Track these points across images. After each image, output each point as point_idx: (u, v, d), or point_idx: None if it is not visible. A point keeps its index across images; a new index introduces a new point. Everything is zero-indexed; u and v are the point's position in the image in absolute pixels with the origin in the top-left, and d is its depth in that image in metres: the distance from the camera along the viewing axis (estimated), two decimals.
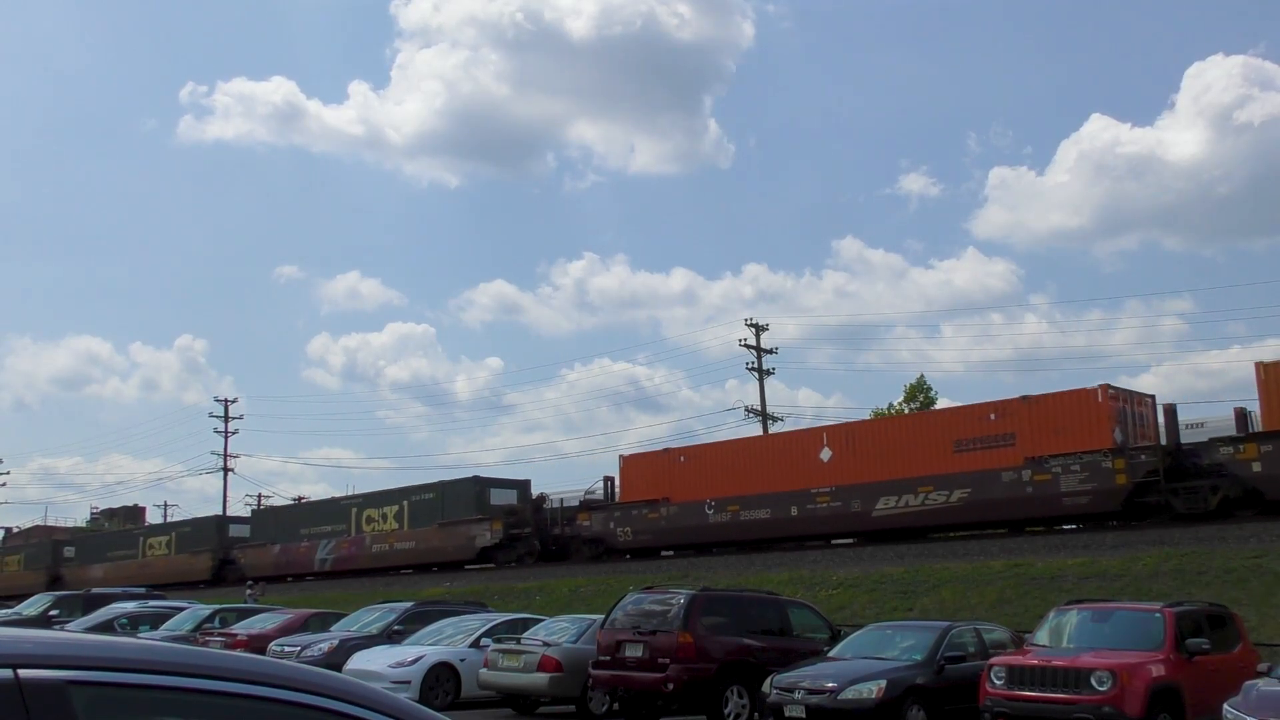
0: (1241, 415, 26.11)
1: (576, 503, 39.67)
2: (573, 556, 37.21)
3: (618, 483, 38.15)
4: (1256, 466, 24.39)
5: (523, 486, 42.54)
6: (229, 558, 51.83)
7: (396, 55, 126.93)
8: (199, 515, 63.95)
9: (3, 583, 60.36)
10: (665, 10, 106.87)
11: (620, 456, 38.38)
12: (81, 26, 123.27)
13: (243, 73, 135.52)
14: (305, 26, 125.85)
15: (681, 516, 34.36)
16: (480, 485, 41.66)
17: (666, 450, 36.91)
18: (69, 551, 61.96)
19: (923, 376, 59.65)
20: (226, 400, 71.04)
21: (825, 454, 31.74)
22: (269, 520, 52.36)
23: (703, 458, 35.17)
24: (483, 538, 39.74)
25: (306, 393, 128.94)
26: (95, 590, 36.70)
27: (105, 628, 25.62)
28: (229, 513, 63.38)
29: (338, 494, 58.35)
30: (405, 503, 43.71)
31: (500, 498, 41.25)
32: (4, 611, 34.78)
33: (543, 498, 41.00)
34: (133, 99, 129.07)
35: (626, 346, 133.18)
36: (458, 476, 44.34)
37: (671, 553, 35.19)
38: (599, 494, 39.52)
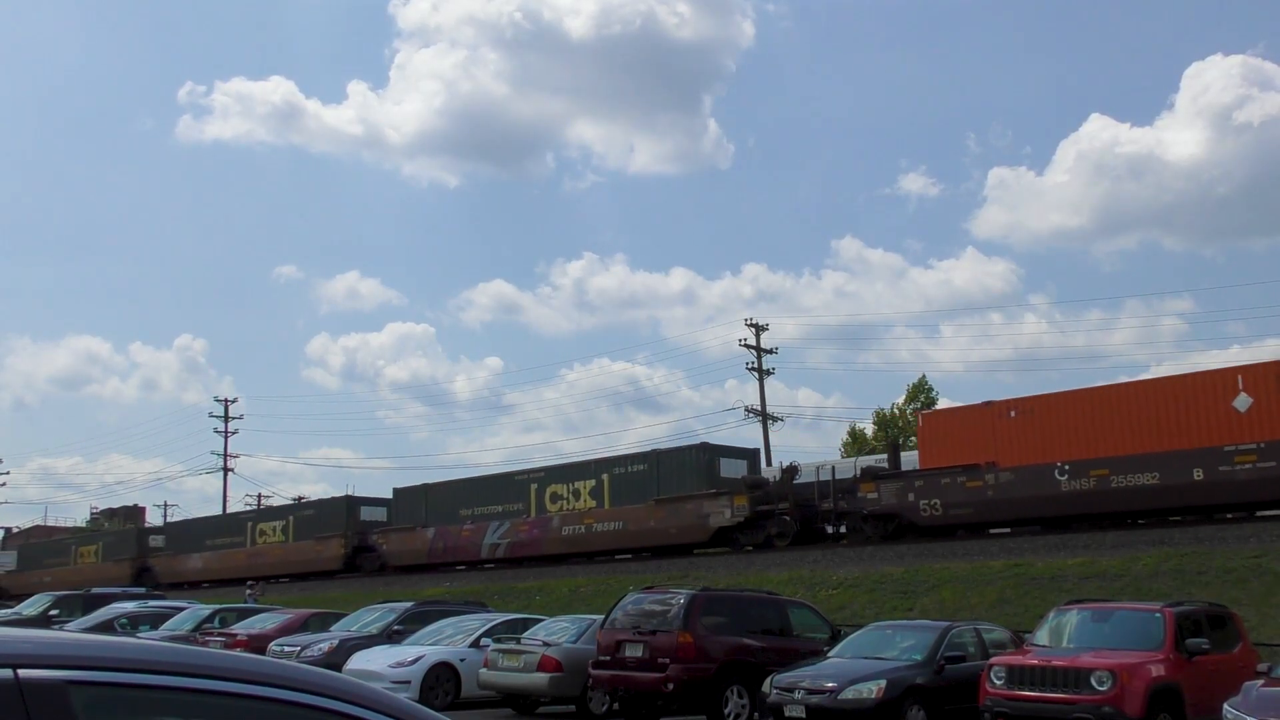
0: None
1: (831, 474, 32.71)
2: (848, 538, 30.93)
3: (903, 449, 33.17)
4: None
5: (752, 456, 36.55)
6: (366, 543, 44.54)
7: (395, 55, 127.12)
8: (317, 499, 55.37)
9: (78, 576, 54.18)
10: (665, 9, 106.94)
11: (920, 415, 34.39)
12: (79, 26, 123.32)
13: (241, 72, 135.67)
14: (303, 26, 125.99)
15: (1017, 485, 27.35)
16: (710, 454, 34.78)
17: (988, 403, 29.80)
18: (156, 540, 55.76)
19: (924, 377, 59.80)
20: (226, 400, 71.12)
21: (1242, 401, 25.15)
22: (415, 501, 43.12)
23: (1043, 411, 28.23)
24: (720, 516, 32.72)
25: (306, 392, 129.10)
26: (95, 590, 36.70)
27: (105, 628, 25.62)
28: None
29: (337, 493, 57.77)
30: (606, 476, 36.45)
31: (731, 469, 34.69)
32: (4, 611, 34.79)
33: (795, 468, 34.73)
34: (131, 99, 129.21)
35: (626, 346, 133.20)
36: (683, 444, 37.96)
37: (1007, 530, 28.66)
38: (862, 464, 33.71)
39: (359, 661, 18.47)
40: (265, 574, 46.05)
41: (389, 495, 45.60)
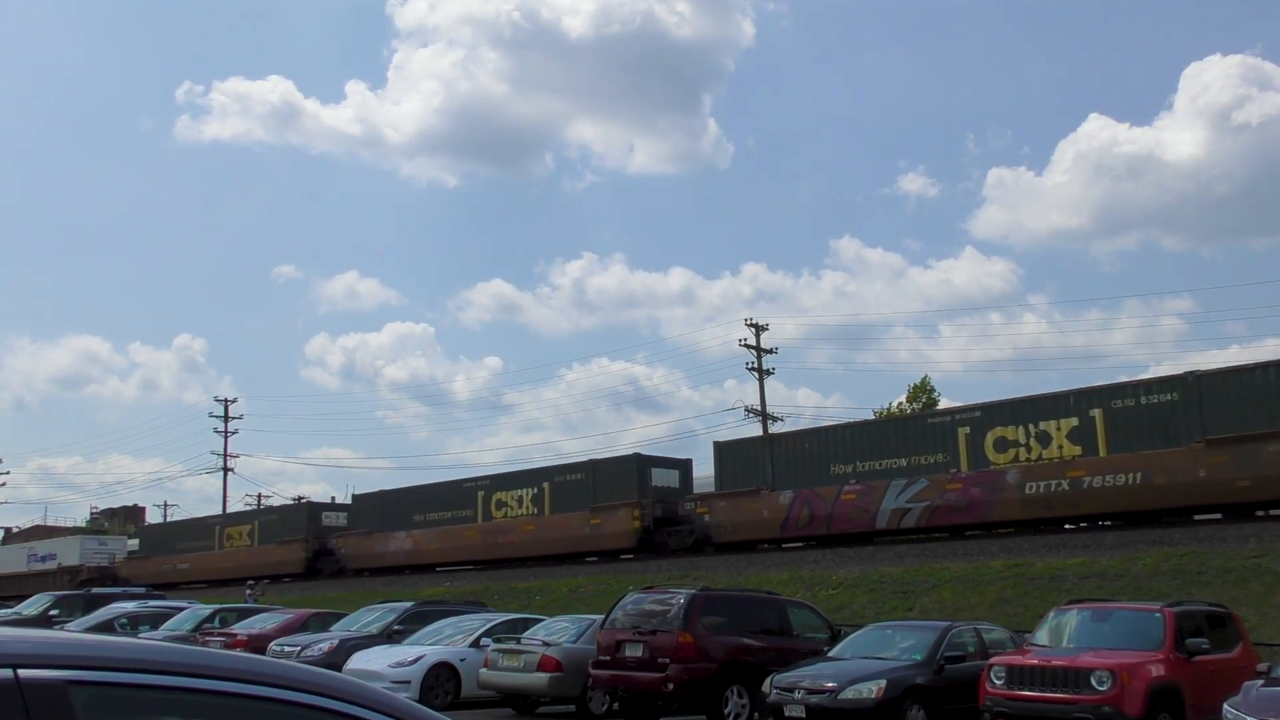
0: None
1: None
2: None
3: None
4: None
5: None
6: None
7: (394, 55, 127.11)
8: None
9: (229, 562, 49.60)
10: (664, 9, 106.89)
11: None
12: (78, 27, 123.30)
13: (239, 72, 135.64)
14: (301, 26, 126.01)
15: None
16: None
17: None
18: (332, 518, 47.90)
19: (926, 377, 59.82)
20: (226, 400, 71.06)
21: None
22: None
23: None
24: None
25: (305, 392, 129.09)
26: (95, 590, 36.69)
27: (105, 628, 25.62)
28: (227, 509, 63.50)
29: (337, 493, 58.71)
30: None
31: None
32: (4, 611, 34.78)
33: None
34: (130, 99, 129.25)
35: (625, 346, 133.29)
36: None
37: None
38: None
39: (359, 661, 18.47)
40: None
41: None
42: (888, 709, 13.47)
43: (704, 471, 38.39)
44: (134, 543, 58.30)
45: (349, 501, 48.35)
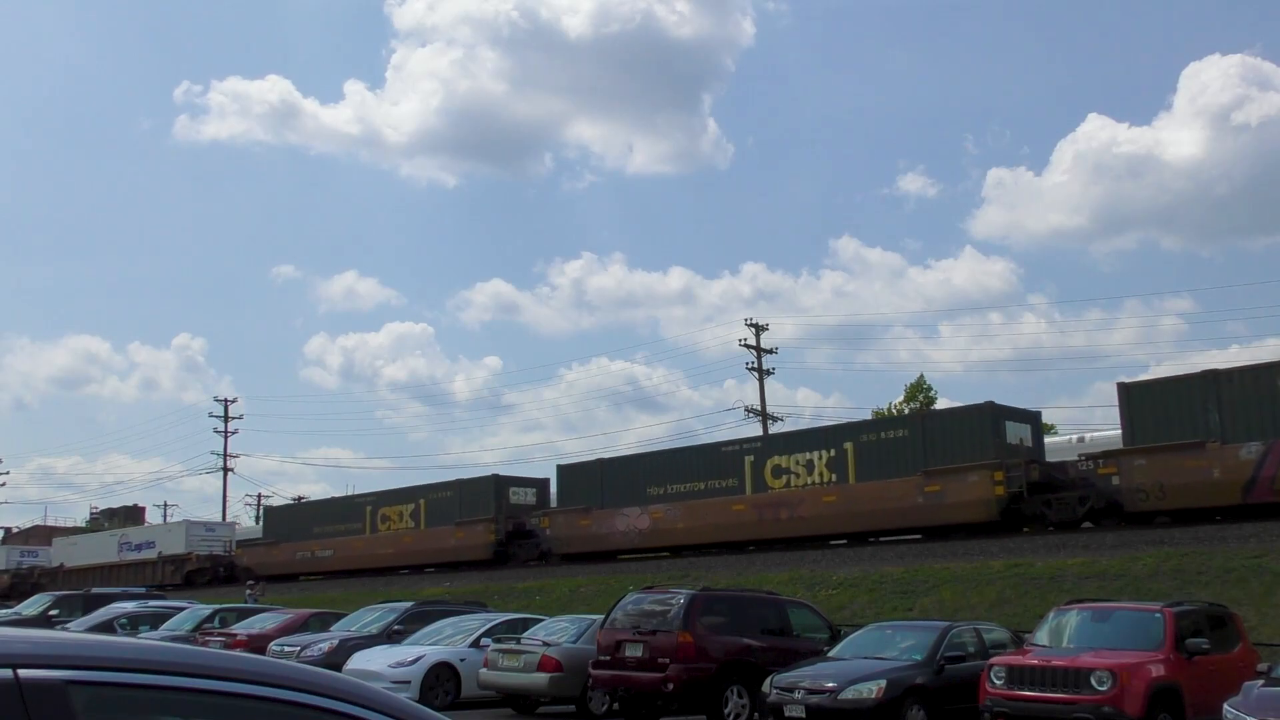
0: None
1: None
2: None
3: None
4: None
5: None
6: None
7: (392, 55, 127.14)
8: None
9: (388, 549, 43.93)
10: (664, 8, 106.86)
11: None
12: (76, 27, 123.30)
13: (237, 71, 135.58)
14: (299, 25, 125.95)
15: None
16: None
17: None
18: (521, 494, 41.28)
19: (923, 376, 59.81)
20: (226, 400, 71.13)
21: None
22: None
23: None
24: None
25: (305, 392, 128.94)
26: (95, 590, 36.70)
27: (105, 628, 25.62)
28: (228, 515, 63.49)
29: (337, 493, 58.08)
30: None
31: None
32: (4, 612, 34.79)
33: None
34: (128, 99, 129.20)
35: (625, 346, 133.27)
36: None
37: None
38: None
39: (359, 661, 18.47)
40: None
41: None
42: (888, 709, 13.47)
43: None
44: (248, 526, 54.43)
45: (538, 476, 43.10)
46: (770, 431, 47.26)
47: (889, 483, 29.36)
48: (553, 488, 39.85)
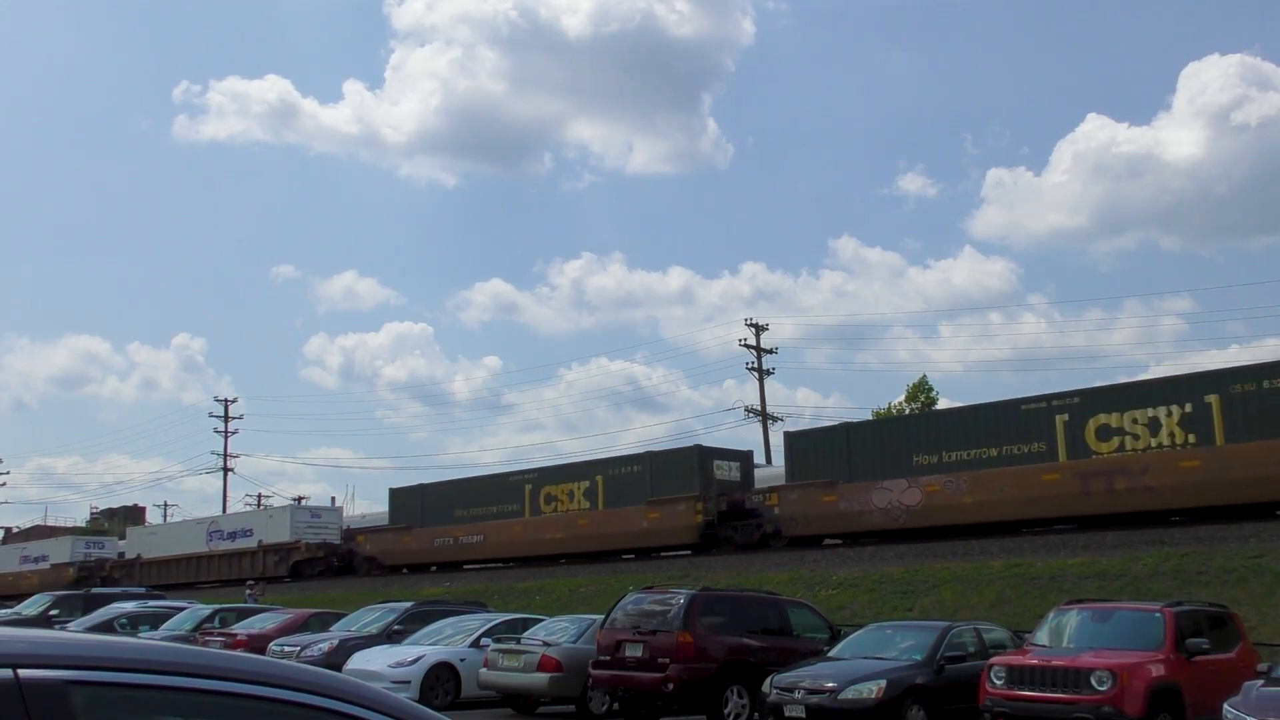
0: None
1: None
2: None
3: None
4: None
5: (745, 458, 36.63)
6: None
7: (391, 55, 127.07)
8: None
9: (567, 531, 37.26)
10: (663, 7, 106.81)
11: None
12: (74, 26, 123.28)
13: (235, 71, 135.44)
14: (298, 25, 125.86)
15: None
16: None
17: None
18: (725, 468, 35.03)
19: (925, 376, 59.87)
20: (227, 400, 71.11)
21: None
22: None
23: None
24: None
25: (304, 392, 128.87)
26: (95, 590, 36.69)
27: (105, 628, 25.62)
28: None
29: (337, 493, 56.34)
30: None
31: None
32: (4, 612, 34.79)
33: None
34: (127, 98, 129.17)
35: (624, 346, 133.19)
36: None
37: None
38: None
39: (359, 661, 18.47)
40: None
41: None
42: (888, 709, 13.47)
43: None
44: (364, 508, 49.72)
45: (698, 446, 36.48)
46: (769, 431, 47.23)
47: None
48: (771, 459, 37.30)
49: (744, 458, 36.20)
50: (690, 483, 33.93)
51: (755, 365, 50.49)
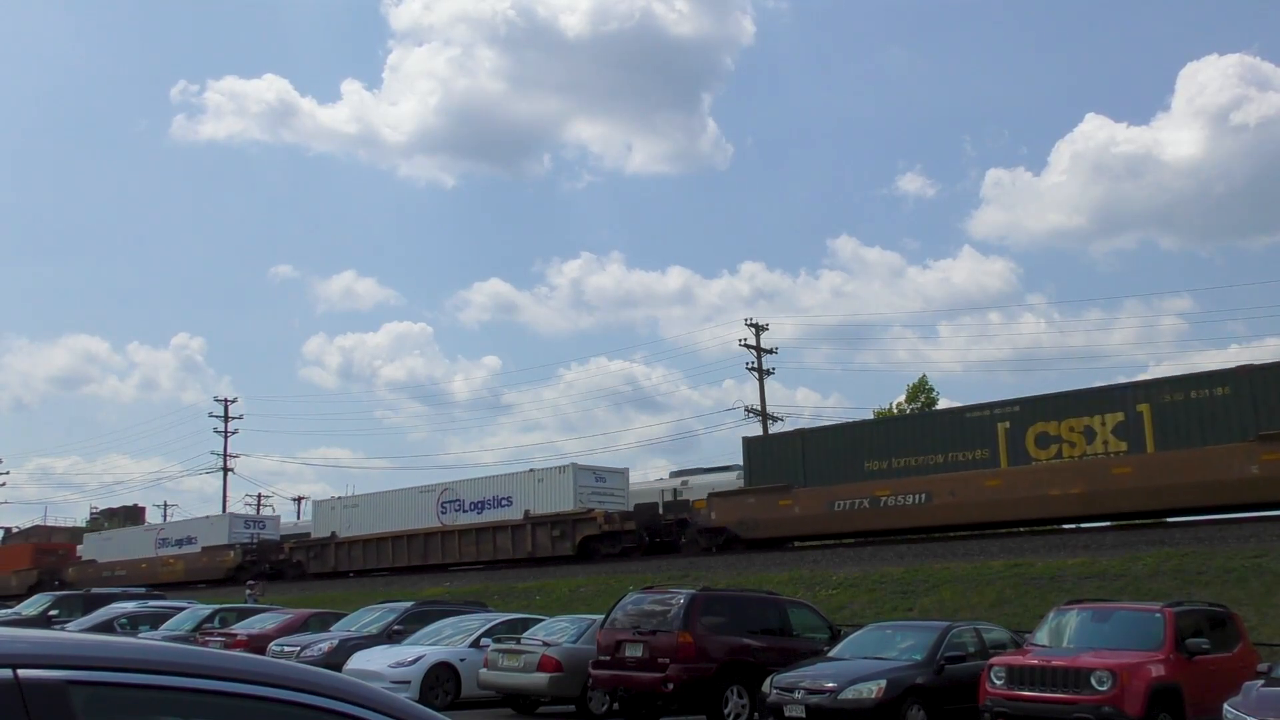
0: None
1: None
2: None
3: None
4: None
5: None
6: None
7: (389, 55, 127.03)
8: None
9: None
10: (663, 6, 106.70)
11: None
12: (72, 26, 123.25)
13: (233, 71, 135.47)
14: (296, 25, 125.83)
15: None
16: None
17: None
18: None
19: (925, 377, 59.81)
20: (226, 400, 71.04)
21: None
22: None
23: None
24: None
25: (303, 392, 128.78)
26: (95, 590, 36.68)
27: (105, 628, 25.62)
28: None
29: (337, 493, 53.74)
30: None
31: None
32: (4, 611, 34.79)
33: None
34: (125, 98, 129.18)
35: (624, 346, 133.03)
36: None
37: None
38: None
39: (359, 661, 18.48)
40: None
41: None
42: (888, 709, 13.47)
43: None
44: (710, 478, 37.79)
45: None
46: (769, 431, 47.22)
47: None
48: None
49: None
50: None
51: (755, 365, 50.49)
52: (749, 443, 34.45)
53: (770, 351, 51.07)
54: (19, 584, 56.57)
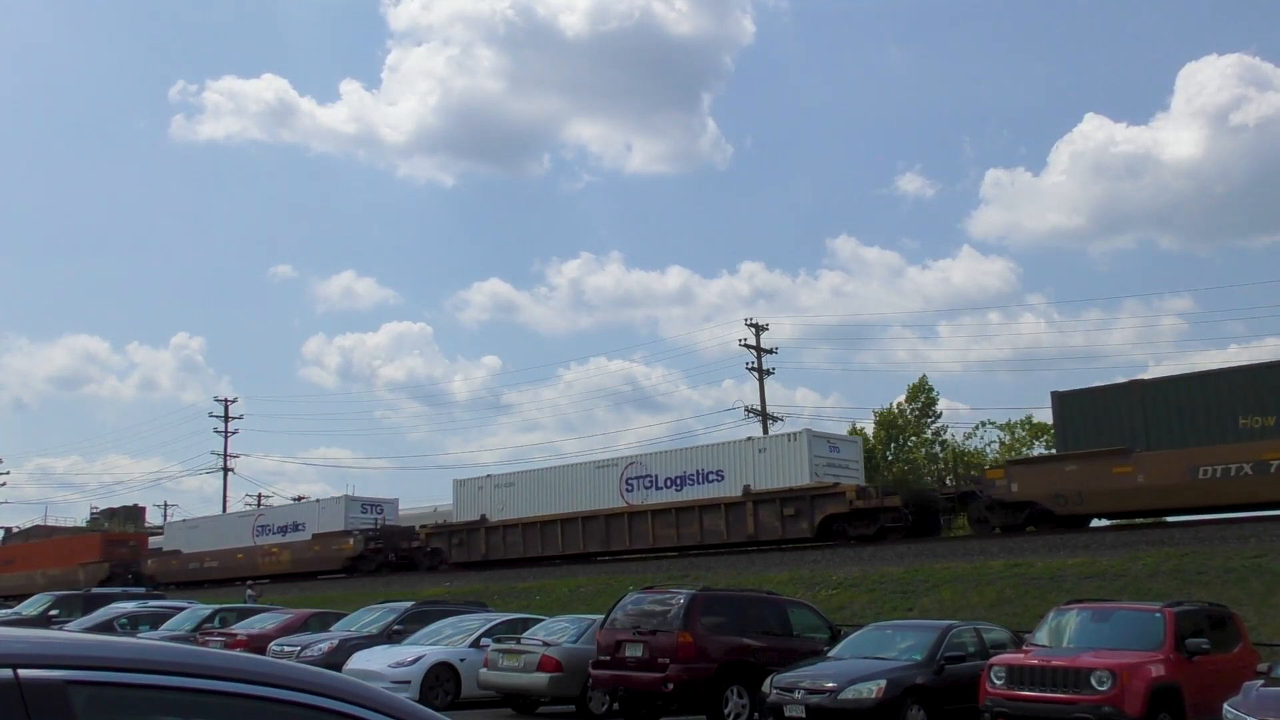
0: None
1: None
2: None
3: None
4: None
5: None
6: None
7: (388, 55, 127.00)
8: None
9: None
10: (662, 5, 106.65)
11: None
12: (71, 26, 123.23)
13: (232, 71, 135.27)
14: (295, 25, 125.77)
15: None
16: None
17: None
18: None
19: (925, 377, 59.79)
20: (227, 400, 71.01)
21: None
22: None
23: None
24: None
25: (303, 392, 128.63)
26: (95, 590, 36.68)
27: (105, 628, 25.62)
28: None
29: (336, 493, 50.60)
30: None
31: None
32: (4, 611, 34.80)
33: None
34: (124, 98, 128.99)
35: (623, 346, 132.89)
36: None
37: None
38: None
39: (359, 661, 18.48)
40: None
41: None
42: (888, 709, 13.47)
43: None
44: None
45: None
46: (769, 431, 47.21)
47: None
48: None
49: None
50: None
51: (755, 365, 50.49)
52: (1059, 397, 27.22)
53: (770, 351, 51.07)
54: (87, 578, 49.61)
